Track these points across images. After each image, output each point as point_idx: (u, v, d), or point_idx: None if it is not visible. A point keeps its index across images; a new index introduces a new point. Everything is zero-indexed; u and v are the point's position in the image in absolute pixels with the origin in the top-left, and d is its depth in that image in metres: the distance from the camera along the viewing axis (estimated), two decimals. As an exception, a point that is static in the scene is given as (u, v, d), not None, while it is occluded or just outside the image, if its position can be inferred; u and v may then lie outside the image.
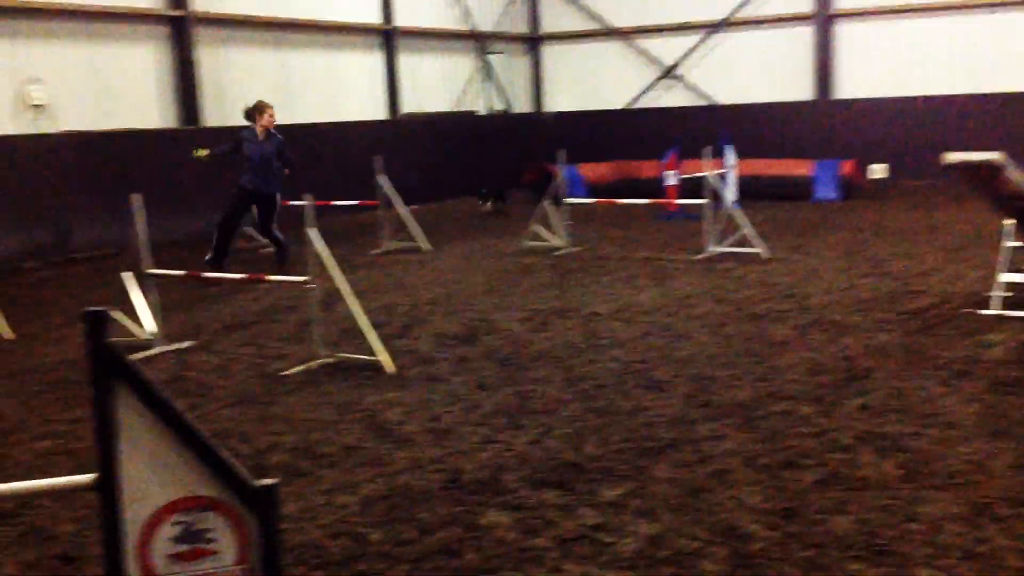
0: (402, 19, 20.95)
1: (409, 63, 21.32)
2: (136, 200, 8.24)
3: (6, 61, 14.39)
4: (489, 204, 18.21)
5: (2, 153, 13.92)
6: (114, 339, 3.14)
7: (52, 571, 4.23)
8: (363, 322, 7.54)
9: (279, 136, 12.37)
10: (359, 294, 7.82)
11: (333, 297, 8.11)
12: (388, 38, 20.76)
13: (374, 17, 20.51)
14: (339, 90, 19.87)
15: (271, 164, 12.21)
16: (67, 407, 6.79)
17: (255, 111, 12.33)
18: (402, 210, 14.01)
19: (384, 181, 14.00)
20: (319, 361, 7.57)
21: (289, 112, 18.53)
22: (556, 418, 6.06)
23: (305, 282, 7.70)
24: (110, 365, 3.29)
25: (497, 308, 9.53)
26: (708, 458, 5.25)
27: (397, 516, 4.66)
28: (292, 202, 13.05)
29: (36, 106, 14.66)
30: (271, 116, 12.31)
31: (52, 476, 5.11)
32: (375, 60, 20.68)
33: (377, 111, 20.73)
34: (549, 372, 7.13)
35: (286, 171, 12.53)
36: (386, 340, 7.77)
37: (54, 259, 14.22)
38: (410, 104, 21.35)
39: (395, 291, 10.72)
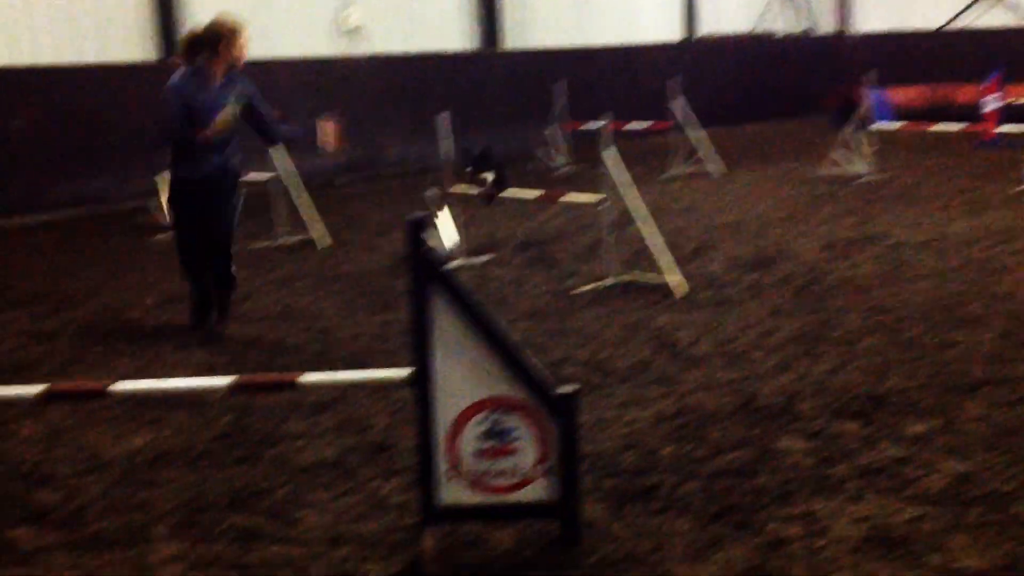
0: (703, -63, 20.41)
1: (708, -17, 20.79)
2: (442, 119, 8.58)
3: (326, -14, 15.30)
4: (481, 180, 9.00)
5: (319, 74, 14.87)
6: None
7: (367, 457, 4.55)
8: (655, 243, 7.53)
9: (245, 79, 6.53)
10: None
11: (624, 218, 8.14)
12: (688, -43, 20.31)
13: (674, -64, 20.11)
14: (635, 12, 19.69)
15: (234, 131, 6.46)
16: (378, 310, 7.25)
17: (218, 36, 6.36)
18: (695, 134, 13.79)
19: (679, 104, 13.82)
20: (610, 280, 7.64)
21: (586, 34, 18.63)
22: (856, 349, 5.82)
23: (599, 202, 7.76)
24: (427, 269, 3.48)
25: (793, 235, 9.23)
26: (1026, 399, 4.89)
27: (688, 434, 4.66)
28: (585, 126, 13.17)
29: (351, 29, 15.51)
30: (244, 46, 6.44)
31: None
32: (673, -20, 20.31)
33: (673, 33, 20.40)
34: (849, 302, 6.85)
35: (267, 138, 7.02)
36: (677, 263, 7.72)
37: (365, 175, 15.12)
38: (707, 26, 20.84)
39: (686, 215, 10.61)
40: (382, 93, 15.47)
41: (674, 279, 7.36)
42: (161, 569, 3.58)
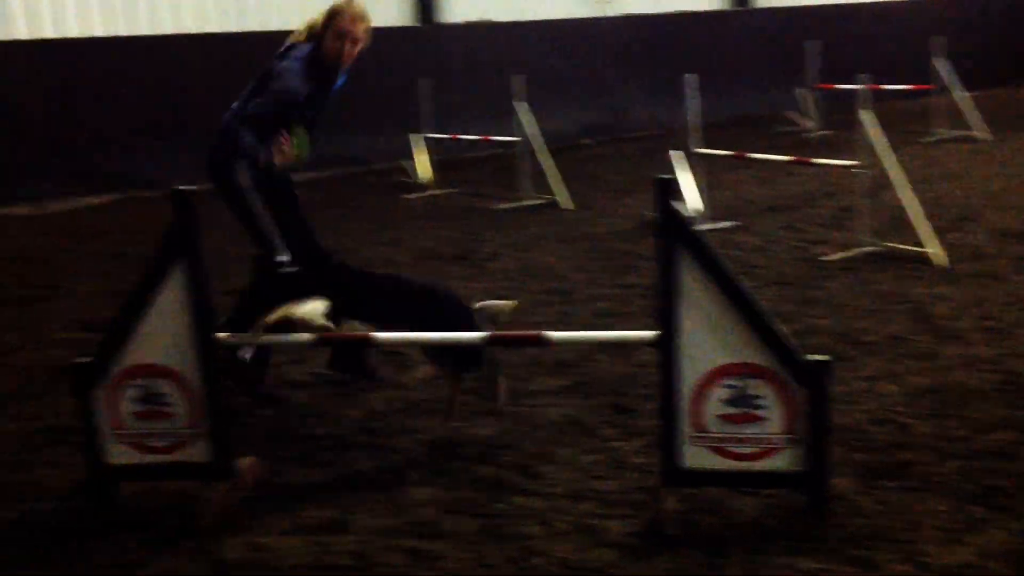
0: None
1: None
2: (690, 80, 8.46)
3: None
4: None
5: (568, 36, 14.96)
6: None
7: (608, 418, 4.61)
8: (914, 211, 7.17)
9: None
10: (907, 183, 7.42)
11: (879, 185, 7.78)
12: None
13: None
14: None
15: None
16: (618, 273, 7.29)
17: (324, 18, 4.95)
18: (960, 96, 12.96)
19: (942, 64, 13.01)
20: (862, 249, 7.34)
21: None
22: None
23: (854, 166, 7.45)
24: (675, 229, 3.46)
25: (1068, 205, 8.55)
26: None
27: (946, 411, 4.44)
28: (841, 85, 12.63)
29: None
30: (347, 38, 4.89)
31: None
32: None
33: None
34: None
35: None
36: (936, 232, 7.31)
37: (607, 137, 15.15)
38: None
39: (948, 182, 10.02)
40: (628, 54, 15.41)
41: (933, 249, 6.98)
42: (415, 511, 3.77)
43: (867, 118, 7.22)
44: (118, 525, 3.71)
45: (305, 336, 4.06)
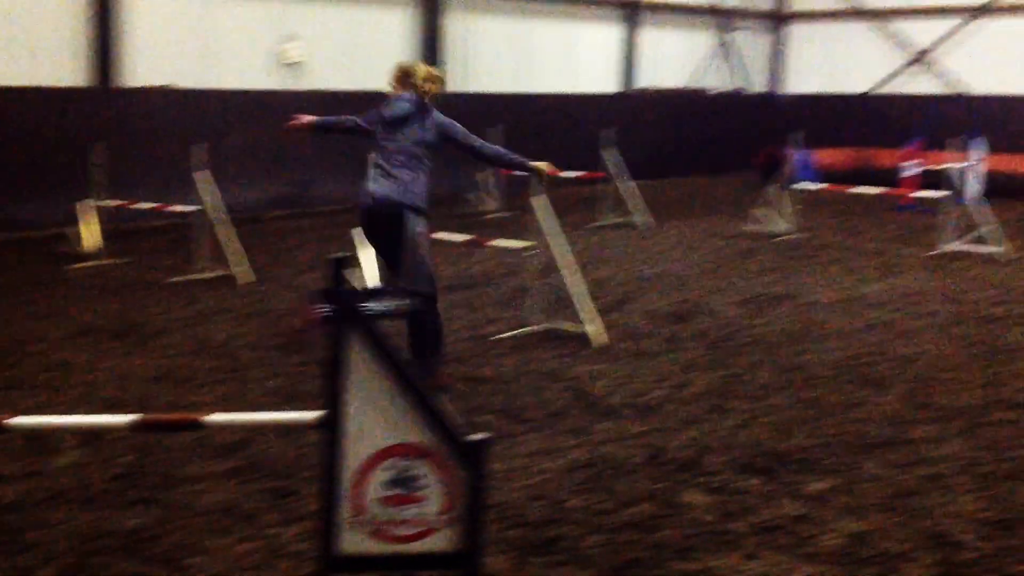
0: (645, -8, 20.74)
1: (648, 37, 21.07)
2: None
3: (266, 18, 15.25)
4: None
5: (256, 107, 14.77)
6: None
7: (269, 503, 4.49)
8: (577, 293, 7.60)
9: None
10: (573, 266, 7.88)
11: (552, 266, 8.20)
12: (631, 11, 20.55)
13: (617, -10, 20.41)
14: (576, 62, 19.93)
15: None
16: (295, 351, 7.19)
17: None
18: (625, 185, 13.97)
19: (611, 155, 14.00)
20: (530, 328, 7.68)
21: (529, 82, 18.83)
22: (764, 405, 5.93)
23: (526, 248, 7.81)
24: (344, 308, 3.46)
25: (712, 290, 9.38)
26: (923, 461, 5.02)
27: (596, 486, 4.69)
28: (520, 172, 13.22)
29: (291, 64, 15.47)
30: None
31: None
32: (613, 33, 20.59)
33: (609, 84, 20.68)
34: (761, 358, 6.97)
35: None
36: (598, 313, 7.78)
37: (295, 210, 15.02)
38: (645, 79, 21.16)
39: (611, 265, 10.72)
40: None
41: (593, 329, 7.42)
42: (48, 611, 3.49)
43: (539, 202, 7.60)
44: None
45: None
